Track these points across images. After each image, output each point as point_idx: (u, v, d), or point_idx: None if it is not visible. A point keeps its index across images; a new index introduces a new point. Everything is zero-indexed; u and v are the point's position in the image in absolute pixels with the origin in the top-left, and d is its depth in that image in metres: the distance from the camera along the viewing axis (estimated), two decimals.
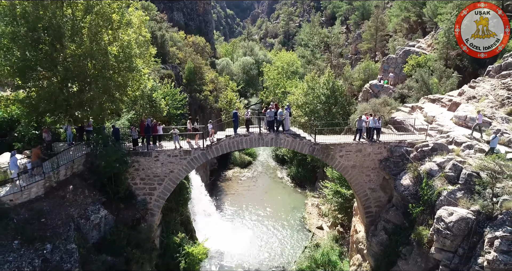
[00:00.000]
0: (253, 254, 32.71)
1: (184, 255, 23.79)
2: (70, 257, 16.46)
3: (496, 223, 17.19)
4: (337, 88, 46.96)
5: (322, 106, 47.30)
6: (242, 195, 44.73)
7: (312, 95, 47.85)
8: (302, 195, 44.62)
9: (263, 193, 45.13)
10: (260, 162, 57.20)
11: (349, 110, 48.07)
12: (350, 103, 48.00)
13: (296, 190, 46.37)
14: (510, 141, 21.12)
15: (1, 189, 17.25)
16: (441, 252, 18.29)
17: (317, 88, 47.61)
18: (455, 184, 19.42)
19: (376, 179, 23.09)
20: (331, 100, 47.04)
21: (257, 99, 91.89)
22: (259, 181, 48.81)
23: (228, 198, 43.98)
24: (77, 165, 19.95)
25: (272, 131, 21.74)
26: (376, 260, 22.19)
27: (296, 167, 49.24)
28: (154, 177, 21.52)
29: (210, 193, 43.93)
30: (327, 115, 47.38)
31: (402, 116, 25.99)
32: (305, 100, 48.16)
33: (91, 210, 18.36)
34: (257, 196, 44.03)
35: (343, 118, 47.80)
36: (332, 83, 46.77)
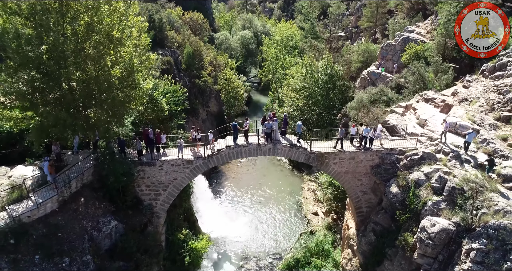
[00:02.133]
0: (252, 240, 35.00)
1: (188, 250, 25.78)
2: (87, 267, 18.24)
3: (473, 234, 18.80)
4: (335, 73, 47.34)
5: (320, 91, 47.95)
6: (241, 178, 46.53)
7: (310, 80, 48.30)
8: (299, 178, 46.45)
9: (262, 176, 46.92)
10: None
11: (347, 94, 48.83)
12: (348, 87, 48.59)
13: (293, 173, 48.16)
14: (495, 150, 22.28)
15: (18, 205, 18.67)
16: (422, 258, 20.09)
17: (316, 73, 47.95)
18: (439, 195, 20.87)
19: (367, 183, 24.53)
20: (329, 85, 47.60)
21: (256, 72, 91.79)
22: (258, 163, 50.46)
23: (227, 182, 45.83)
24: (86, 176, 21.26)
25: (269, 141, 22.88)
26: (365, 257, 24.18)
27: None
28: (159, 184, 22.92)
29: (210, 176, 45.78)
30: (324, 100, 48.19)
31: (395, 119, 26.92)
32: (303, 84, 48.64)
33: (103, 222, 19.93)
34: (255, 180, 45.84)
35: (340, 102, 48.66)
36: (331, 69, 47.09)
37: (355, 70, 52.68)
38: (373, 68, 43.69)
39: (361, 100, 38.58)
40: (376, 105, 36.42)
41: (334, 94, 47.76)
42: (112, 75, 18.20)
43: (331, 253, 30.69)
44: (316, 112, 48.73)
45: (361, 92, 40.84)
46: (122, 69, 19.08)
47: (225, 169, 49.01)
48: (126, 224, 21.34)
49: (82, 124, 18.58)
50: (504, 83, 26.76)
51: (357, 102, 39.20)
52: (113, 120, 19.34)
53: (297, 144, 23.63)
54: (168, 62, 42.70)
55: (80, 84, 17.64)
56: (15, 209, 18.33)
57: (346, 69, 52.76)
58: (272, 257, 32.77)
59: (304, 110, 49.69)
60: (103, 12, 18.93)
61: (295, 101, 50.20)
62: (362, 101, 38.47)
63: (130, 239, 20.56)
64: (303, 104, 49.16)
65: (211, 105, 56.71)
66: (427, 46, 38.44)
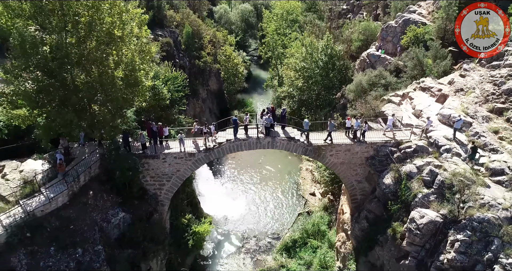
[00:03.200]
0: (252, 220, 36.69)
1: (192, 234, 27.31)
2: (98, 257, 19.67)
3: (459, 226, 20.07)
4: (335, 54, 47.28)
5: (320, 71, 48.11)
6: (241, 158, 47.70)
7: (310, 60, 48.31)
8: (298, 158, 47.64)
9: (261, 155, 48.06)
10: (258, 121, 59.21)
11: (346, 74, 49.00)
12: (347, 68, 48.66)
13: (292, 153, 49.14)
14: (485, 144, 23.15)
15: (31, 200, 19.80)
16: (411, 246, 21.53)
17: (316, 53, 47.86)
18: (430, 187, 21.98)
19: (362, 172, 25.61)
20: (328, 65, 47.69)
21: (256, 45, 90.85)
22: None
23: (227, 161, 47.05)
24: (93, 169, 22.28)
25: (268, 135, 23.71)
26: (358, 242, 25.72)
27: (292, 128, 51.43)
28: (162, 175, 23.98)
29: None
30: (324, 80, 48.46)
31: (391, 110, 27.57)
32: (303, 64, 48.70)
33: (111, 214, 21.18)
34: (255, 159, 47.02)
35: (340, 82, 48.94)
36: (331, 49, 46.98)
37: (355, 49, 52.40)
38: (373, 50, 43.56)
39: (360, 84, 38.94)
40: (375, 89, 36.88)
41: (333, 75, 47.97)
42: (116, 76, 18.70)
43: (327, 233, 32.38)
44: (315, 93, 49.18)
45: (360, 75, 41.03)
46: (125, 69, 19.53)
47: None
48: (133, 214, 22.62)
49: (88, 124, 19.32)
50: (500, 74, 27.13)
51: (355, 85, 39.54)
52: (117, 119, 20.06)
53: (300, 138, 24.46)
54: (168, 43, 42.59)
55: (85, 85, 18.21)
56: (29, 203, 19.46)
57: (346, 48, 52.57)
58: (271, 237, 34.55)
59: (303, 90, 50.12)
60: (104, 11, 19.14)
61: (295, 81, 50.50)
62: (361, 84, 38.84)
63: (137, 228, 21.91)
64: (303, 84, 49.52)
65: (211, 83, 56.89)
66: (427, 29, 38.24)
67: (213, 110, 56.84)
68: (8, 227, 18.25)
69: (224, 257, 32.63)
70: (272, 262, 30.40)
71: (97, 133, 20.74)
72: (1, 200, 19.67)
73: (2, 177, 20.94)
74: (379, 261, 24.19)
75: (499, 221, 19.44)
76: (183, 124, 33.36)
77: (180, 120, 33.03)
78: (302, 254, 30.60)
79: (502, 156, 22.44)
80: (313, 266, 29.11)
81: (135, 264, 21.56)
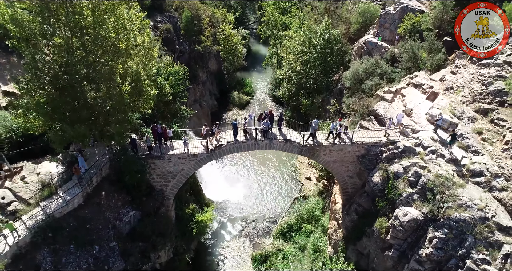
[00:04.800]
0: (251, 204, 39.10)
1: (195, 222, 29.63)
2: (113, 252, 21.95)
3: (438, 224, 22.23)
4: (333, 39, 47.67)
5: (318, 56, 48.73)
6: None
7: (308, 45, 48.74)
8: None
9: None
10: (257, 101, 60.51)
11: (344, 58, 49.65)
12: (345, 52, 49.21)
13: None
14: (468, 146, 24.84)
15: (50, 202, 21.76)
16: (394, 239, 23.81)
17: (314, 37, 48.19)
18: (414, 187, 23.93)
19: (353, 169, 27.47)
20: (327, 50, 48.22)
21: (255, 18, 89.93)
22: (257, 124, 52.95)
23: None
24: (104, 170, 24.12)
25: (266, 137, 25.29)
26: (347, 232, 28.09)
27: (291, 112, 52.93)
28: (168, 174, 25.82)
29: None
30: (322, 64, 49.21)
31: (383, 108, 28.95)
32: (302, 48, 49.17)
33: (123, 213, 23.25)
34: None
35: (337, 66, 49.71)
36: (329, 34, 47.29)
37: (354, 31, 52.63)
38: (370, 36, 44.02)
39: (357, 72, 39.93)
40: (370, 78, 38.00)
41: (331, 59, 48.64)
42: (123, 90, 20.01)
43: (321, 218, 34.81)
44: (313, 76, 50.10)
45: (357, 62, 41.85)
46: (131, 82, 20.78)
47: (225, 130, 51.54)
48: (142, 210, 24.71)
49: (99, 134, 20.89)
50: (489, 73, 28.19)
51: (352, 73, 40.53)
52: (126, 129, 21.58)
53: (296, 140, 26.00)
54: (168, 30, 42.98)
55: (95, 100, 19.57)
56: (48, 205, 21.45)
57: (345, 29, 52.80)
58: (269, 221, 37.09)
59: (301, 74, 50.98)
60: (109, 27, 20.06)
61: (293, 64, 51.20)
62: (357, 72, 39.84)
63: (146, 224, 24.08)
64: (301, 68, 50.28)
65: (210, 64, 57.49)
66: (424, 19, 38.62)
67: (213, 92, 57.88)
68: (32, 229, 20.36)
69: (225, 240, 35.30)
70: (269, 245, 33.05)
71: (107, 142, 22.36)
72: (23, 202, 21.64)
73: (22, 180, 22.80)
74: (366, 250, 26.69)
75: (474, 220, 21.54)
76: (185, 116, 34.86)
77: (182, 112, 34.46)
78: (297, 238, 33.19)
79: (483, 158, 24.20)
80: (307, 250, 31.75)
81: (145, 255, 23.96)
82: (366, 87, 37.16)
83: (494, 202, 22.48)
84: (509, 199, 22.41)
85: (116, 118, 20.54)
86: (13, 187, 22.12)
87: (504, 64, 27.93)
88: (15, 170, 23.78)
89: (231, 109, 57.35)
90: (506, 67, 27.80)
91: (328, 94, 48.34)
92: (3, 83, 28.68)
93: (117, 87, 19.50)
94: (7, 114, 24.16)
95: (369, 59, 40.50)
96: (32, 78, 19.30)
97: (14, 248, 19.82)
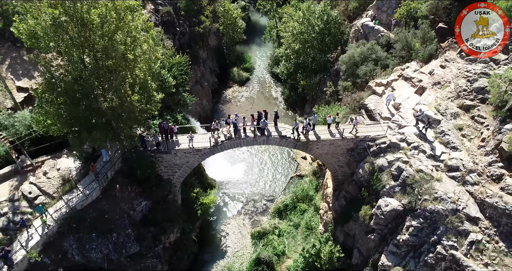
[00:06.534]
0: (250, 183, 42.15)
1: (200, 205, 32.75)
2: (129, 238, 25.11)
3: (415, 214, 25.12)
4: (331, 20, 48.25)
5: (316, 36, 49.57)
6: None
7: (307, 24, 49.38)
8: (292, 119, 51.56)
9: None
10: (257, 77, 61.80)
11: (342, 38, 50.51)
12: (343, 33, 49.94)
13: (288, 114, 53.15)
14: (448, 142, 27.19)
15: (71, 196, 24.55)
16: (377, 225, 26.86)
17: (313, 18, 48.72)
18: (396, 180, 26.62)
19: (343, 160, 30.00)
20: (324, 31, 48.99)
21: None
22: (256, 102, 54.98)
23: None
24: (117, 164, 26.69)
25: (263, 134, 27.60)
26: (337, 214, 31.24)
27: (289, 90, 54.61)
28: (174, 165, 28.39)
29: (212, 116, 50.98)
30: (320, 44, 50.20)
31: (374, 103, 30.90)
32: (301, 28, 49.85)
33: (136, 203, 26.16)
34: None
35: (334, 45, 50.69)
36: (327, 15, 47.83)
37: (353, 9, 52.88)
38: (368, 20, 44.65)
39: (353, 56, 41.30)
40: (365, 64, 39.51)
41: (329, 39, 49.55)
42: (133, 100, 22.03)
43: (314, 198, 37.97)
44: (311, 56, 51.25)
45: (353, 46, 42.95)
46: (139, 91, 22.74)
47: (225, 109, 53.70)
48: (152, 199, 27.60)
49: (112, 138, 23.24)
50: (474, 69, 29.76)
51: (348, 57, 41.88)
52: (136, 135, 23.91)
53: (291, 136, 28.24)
54: (168, 13, 43.62)
55: (108, 110, 21.67)
56: (70, 199, 24.25)
57: (344, 8, 53.07)
58: (266, 199, 40.33)
59: (300, 53, 52.04)
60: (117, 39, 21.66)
61: (292, 43, 52.10)
62: (353, 57, 41.21)
63: (156, 212, 27.09)
64: (299, 47, 51.26)
65: (210, 41, 58.15)
66: (419, 6, 39.28)
67: (213, 69, 59.03)
68: (58, 220, 23.32)
69: (227, 217, 38.75)
70: (267, 223, 36.49)
71: (121, 146, 24.76)
72: (48, 196, 24.44)
73: (44, 175, 25.43)
74: (352, 232, 29.96)
75: (446, 212, 24.41)
76: (187, 103, 36.83)
77: (185, 99, 36.40)
78: (292, 216, 36.56)
79: (460, 154, 26.63)
80: (301, 227, 35.20)
81: (156, 238, 27.19)
82: (361, 73, 38.80)
83: (466, 195, 25.21)
84: (479, 192, 25.11)
85: (128, 124, 22.72)
86: (38, 182, 24.79)
87: (489, 61, 29.43)
88: (36, 164, 26.36)
89: (231, 86, 58.90)
90: (492, 64, 29.33)
91: (325, 74, 49.80)
92: (16, 79, 30.46)
93: (128, 99, 21.48)
94: (26, 114, 26.29)
95: (365, 44, 41.63)
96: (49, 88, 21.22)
97: (44, 238, 22.89)
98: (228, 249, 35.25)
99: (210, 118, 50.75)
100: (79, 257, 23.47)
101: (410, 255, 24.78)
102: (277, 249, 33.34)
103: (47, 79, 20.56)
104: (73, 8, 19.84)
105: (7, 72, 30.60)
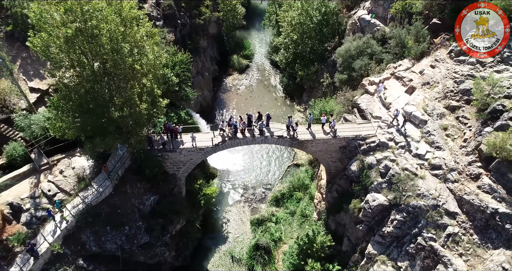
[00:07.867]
0: (249, 171, 44.59)
1: (203, 195, 35.30)
2: (140, 230, 27.76)
3: (399, 209, 27.63)
4: (329, 11, 49.12)
5: (314, 26, 50.60)
6: (240, 107, 53.42)
7: (305, 15, 50.27)
8: (290, 108, 53.48)
9: (258, 106, 53.62)
10: (256, 65, 63.00)
11: (339, 29, 51.55)
12: (340, 24, 50.91)
13: (286, 103, 54.91)
14: (432, 142, 29.30)
15: (86, 193, 26.96)
16: (365, 217, 29.45)
17: (311, 9, 49.55)
18: (383, 177, 28.97)
19: (336, 156, 32.23)
20: (322, 22, 49.98)
21: None
22: (255, 91, 56.59)
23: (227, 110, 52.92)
24: (126, 162, 28.96)
25: (261, 135, 29.72)
26: (329, 205, 33.86)
27: (288, 79, 56.10)
28: (179, 162, 30.66)
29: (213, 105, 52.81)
30: (318, 35, 51.29)
31: (365, 102, 32.76)
32: (300, 18, 50.75)
33: (145, 199, 28.62)
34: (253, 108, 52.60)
35: (332, 35, 51.81)
36: (325, 7, 48.66)
37: None
38: (364, 13, 45.61)
39: (349, 50, 42.70)
40: (361, 58, 41.00)
41: (327, 31, 50.61)
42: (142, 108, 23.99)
43: (309, 187, 40.54)
44: (309, 46, 52.46)
45: (350, 39, 44.21)
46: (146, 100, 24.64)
47: (226, 98, 55.43)
48: (159, 193, 30.06)
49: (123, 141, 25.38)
50: (462, 71, 31.42)
51: (345, 50, 43.26)
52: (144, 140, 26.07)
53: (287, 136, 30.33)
54: (170, 6, 44.53)
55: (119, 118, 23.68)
56: (86, 196, 26.68)
57: None
58: (265, 187, 42.91)
59: (298, 43, 53.19)
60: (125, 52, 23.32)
61: (290, 33, 53.13)
62: (349, 50, 42.61)
63: (163, 205, 29.62)
64: (297, 37, 52.36)
65: (210, 29, 58.98)
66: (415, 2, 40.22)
67: (213, 56, 60.14)
68: (76, 215, 25.84)
69: (228, 204, 41.48)
70: (265, 211, 39.23)
71: (130, 148, 26.90)
72: (65, 193, 26.86)
73: (61, 173, 27.75)
74: (343, 222, 32.65)
75: (427, 207, 26.85)
76: (189, 98, 38.65)
77: (187, 94, 38.20)
78: (288, 204, 39.26)
79: (443, 153, 28.78)
80: (296, 215, 37.97)
81: (164, 229, 29.88)
82: (356, 67, 40.39)
83: (446, 192, 27.57)
84: (459, 190, 27.48)
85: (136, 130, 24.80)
86: (56, 180, 27.14)
87: (476, 63, 31.01)
88: (52, 163, 28.62)
89: (231, 73, 60.25)
90: (478, 66, 30.93)
91: (322, 64, 51.20)
92: (28, 80, 32.13)
93: (137, 109, 23.43)
94: (40, 116, 28.25)
95: (361, 37, 42.95)
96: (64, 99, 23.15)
97: (64, 231, 25.49)
98: (229, 235, 38.19)
99: (211, 108, 52.85)
100: (96, 248, 26.18)
101: (394, 245, 27.50)
102: (274, 235, 36.23)
103: (62, 93, 22.39)
104: (84, 25, 21.42)
105: (18, 73, 32.15)
